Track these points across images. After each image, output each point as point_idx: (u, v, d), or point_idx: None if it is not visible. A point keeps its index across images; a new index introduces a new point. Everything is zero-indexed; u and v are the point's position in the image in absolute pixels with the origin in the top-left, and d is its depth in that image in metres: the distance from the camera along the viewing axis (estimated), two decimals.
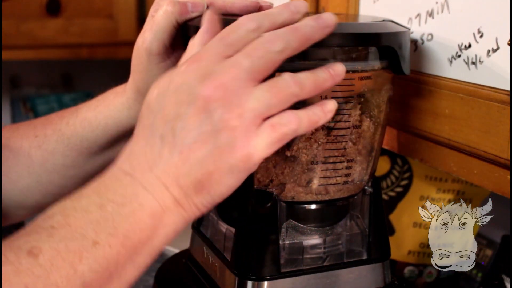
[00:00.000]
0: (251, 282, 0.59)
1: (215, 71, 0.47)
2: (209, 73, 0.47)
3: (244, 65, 0.47)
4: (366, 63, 0.56)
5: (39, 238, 0.44)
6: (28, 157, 0.72)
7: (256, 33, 0.48)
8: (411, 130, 0.66)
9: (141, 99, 0.67)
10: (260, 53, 0.47)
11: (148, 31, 0.62)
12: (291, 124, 0.48)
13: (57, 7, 1.45)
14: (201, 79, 0.47)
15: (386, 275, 0.64)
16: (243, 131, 0.46)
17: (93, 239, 0.44)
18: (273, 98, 0.47)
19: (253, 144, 0.46)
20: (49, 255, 0.43)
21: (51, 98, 1.75)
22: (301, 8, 0.50)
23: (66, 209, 0.46)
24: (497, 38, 0.54)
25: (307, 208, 0.61)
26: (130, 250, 0.46)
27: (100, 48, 1.52)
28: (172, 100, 0.47)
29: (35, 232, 0.44)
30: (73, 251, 0.44)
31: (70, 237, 0.44)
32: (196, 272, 0.69)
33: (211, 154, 0.46)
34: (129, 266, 0.46)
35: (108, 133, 0.70)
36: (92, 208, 0.46)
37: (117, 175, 0.48)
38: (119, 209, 0.46)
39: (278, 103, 0.47)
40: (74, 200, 0.47)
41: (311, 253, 0.62)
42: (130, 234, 0.46)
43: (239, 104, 0.46)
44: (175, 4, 0.60)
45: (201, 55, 0.48)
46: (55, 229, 0.44)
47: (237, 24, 0.49)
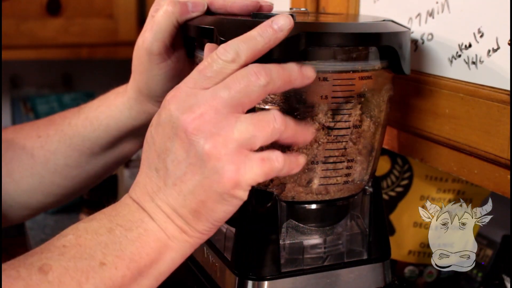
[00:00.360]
0: (252, 282, 0.59)
1: (195, 103, 0.48)
2: (189, 105, 0.48)
3: (223, 96, 0.47)
4: (366, 63, 0.56)
5: (51, 256, 0.47)
6: (31, 157, 0.73)
7: (236, 63, 0.48)
8: (411, 130, 0.66)
9: (142, 99, 0.68)
10: (240, 85, 0.47)
11: (149, 31, 0.62)
12: (279, 163, 0.48)
13: (57, 7, 1.45)
14: (181, 111, 0.48)
15: (386, 275, 0.64)
16: (229, 160, 0.47)
17: (100, 260, 0.47)
18: (257, 131, 0.47)
19: (241, 172, 0.47)
20: (58, 272, 0.46)
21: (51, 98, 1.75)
22: (284, 26, 0.49)
23: (79, 230, 0.49)
24: (498, 38, 0.54)
25: (307, 208, 0.61)
26: (135, 272, 0.48)
27: (100, 48, 1.52)
28: (160, 134, 0.49)
29: (47, 250, 0.48)
30: (81, 270, 0.46)
31: (79, 257, 0.47)
32: (196, 272, 0.69)
33: (200, 184, 0.48)
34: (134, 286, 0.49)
35: (109, 133, 0.71)
36: (102, 231, 0.49)
37: (127, 201, 0.51)
38: (126, 234, 0.49)
39: (262, 137, 0.48)
40: (86, 222, 0.50)
41: (312, 253, 0.62)
42: (135, 258, 0.48)
43: (221, 134, 0.47)
44: (175, 4, 0.60)
45: (181, 88, 0.49)
46: (67, 248, 0.47)
47: (215, 54, 0.49)
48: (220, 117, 0.47)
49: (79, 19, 1.47)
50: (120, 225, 0.49)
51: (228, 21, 0.55)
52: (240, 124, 0.47)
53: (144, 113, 0.69)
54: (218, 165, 0.47)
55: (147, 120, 0.69)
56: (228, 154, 0.47)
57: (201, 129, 0.47)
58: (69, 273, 0.46)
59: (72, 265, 0.46)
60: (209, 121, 0.47)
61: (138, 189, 0.51)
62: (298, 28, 0.51)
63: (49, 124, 0.74)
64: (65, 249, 0.47)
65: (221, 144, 0.47)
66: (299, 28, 0.51)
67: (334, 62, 0.55)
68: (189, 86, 0.49)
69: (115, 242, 0.48)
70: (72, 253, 0.47)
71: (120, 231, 0.49)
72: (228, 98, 0.47)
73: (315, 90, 0.55)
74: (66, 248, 0.47)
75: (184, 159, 0.48)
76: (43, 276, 0.45)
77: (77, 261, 0.46)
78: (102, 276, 0.47)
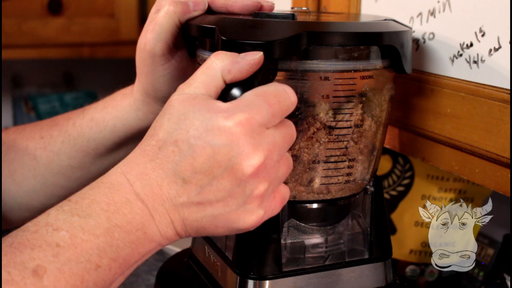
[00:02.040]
0: (253, 281, 0.59)
1: (262, 144, 0.47)
2: (257, 145, 0.47)
3: (280, 143, 0.49)
4: (368, 62, 0.56)
5: (44, 257, 0.44)
6: (33, 158, 0.72)
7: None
8: (412, 129, 0.66)
9: (149, 100, 0.67)
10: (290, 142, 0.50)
11: (151, 33, 0.62)
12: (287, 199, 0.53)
13: (58, 6, 1.45)
14: (247, 154, 0.47)
15: (387, 274, 0.64)
16: (264, 205, 0.49)
17: (96, 263, 0.46)
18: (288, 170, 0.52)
19: (266, 216, 0.50)
20: (53, 276, 0.44)
21: (52, 97, 1.75)
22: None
23: (74, 228, 0.46)
24: (499, 37, 0.54)
25: (308, 207, 0.61)
26: (125, 269, 0.48)
27: (102, 47, 1.52)
28: (208, 153, 0.47)
29: (39, 247, 0.45)
30: (76, 274, 0.45)
31: (75, 260, 0.45)
32: (197, 271, 0.69)
33: (227, 214, 0.48)
34: (119, 279, 0.49)
35: (115, 134, 0.70)
36: (99, 232, 0.46)
37: (128, 196, 0.48)
38: (124, 237, 0.47)
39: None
40: (81, 217, 0.46)
41: (313, 252, 0.62)
42: (129, 258, 0.48)
43: (273, 183, 0.49)
44: (176, 4, 0.60)
45: (248, 119, 0.47)
46: (61, 248, 0.45)
47: (285, 90, 0.49)
48: (276, 166, 0.49)
49: (80, 18, 1.48)
50: (119, 226, 0.47)
51: (230, 21, 0.55)
52: (282, 171, 0.50)
53: (151, 114, 0.68)
54: (253, 207, 0.48)
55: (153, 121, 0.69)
56: (266, 201, 0.49)
57: (260, 175, 0.48)
58: (64, 277, 0.44)
59: (67, 269, 0.44)
60: (268, 169, 0.48)
61: (148, 184, 0.48)
62: (299, 28, 0.51)
63: (53, 125, 0.73)
64: (59, 249, 0.45)
65: (266, 190, 0.49)
66: (300, 28, 0.51)
67: (336, 61, 0.55)
68: (258, 120, 0.47)
69: (112, 245, 0.46)
70: (67, 255, 0.45)
71: (119, 233, 0.47)
72: (282, 146, 0.49)
73: (316, 90, 0.55)
74: (61, 249, 0.45)
75: (225, 189, 0.47)
76: (37, 281, 0.43)
77: (72, 264, 0.45)
78: (96, 278, 0.46)
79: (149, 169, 0.48)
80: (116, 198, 0.47)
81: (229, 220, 0.49)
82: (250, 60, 0.49)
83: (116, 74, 1.78)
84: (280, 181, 0.50)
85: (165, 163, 0.47)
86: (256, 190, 0.47)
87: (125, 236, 0.47)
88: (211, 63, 0.50)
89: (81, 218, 0.46)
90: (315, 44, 0.53)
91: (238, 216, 0.48)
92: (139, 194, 0.48)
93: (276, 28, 0.53)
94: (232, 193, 0.47)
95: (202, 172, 0.47)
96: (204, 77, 0.50)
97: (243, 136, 0.46)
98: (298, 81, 0.55)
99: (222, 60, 0.49)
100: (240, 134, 0.46)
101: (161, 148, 0.48)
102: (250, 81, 0.50)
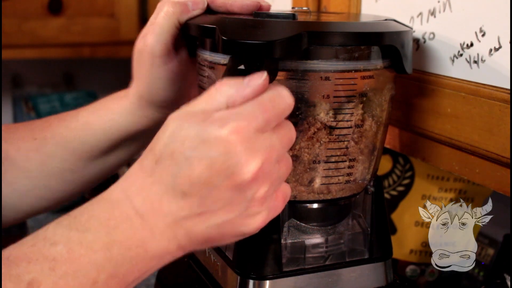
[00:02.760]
0: (253, 281, 0.59)
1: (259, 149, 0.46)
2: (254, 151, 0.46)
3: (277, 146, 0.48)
4: (368, 62, 0.56)
5: (41, 270, 0.44)
6: (25, 160, 0.71)
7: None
8: (413, 129, 0.66)
9: (144, 104, 0.67)
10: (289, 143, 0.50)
11: (150, 34, 0.61)
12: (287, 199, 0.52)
13: (59, 6, 1.45)
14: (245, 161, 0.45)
15: (388, 274, 0.64)
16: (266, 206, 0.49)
17: (93, 279, 0.45)
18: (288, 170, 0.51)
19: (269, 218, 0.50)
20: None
21: (53, 97, 1.75)
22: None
23: (71, 242, 0.45)
24: (499, 37, 0.54)
25: (309, 207, 0.61)
26: (123, 286, 0.47)
27: (102, 47, 1.52)
28: (205, 164, 0.45)
29: (36, 260, 0.44)
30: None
31: (72, 275, 0.44)
32: (198, 271, 0.69)
33: (232, 221, 0.48)
34: None
35: (109, 137, 0.69)
36: (97, 247, 0.45)
37: (128, 212, 0.47)
38: (124, 253, 0.46)
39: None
40: (80, 232, 0.46)
41: (313, 252, 0.62)
42: (128, 274, 0.46)
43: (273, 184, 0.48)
44: (175, 4, 0.60)
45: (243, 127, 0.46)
46: (57, 262, 0.44)
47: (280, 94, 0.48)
48: (275, 167, 0.48)
49: (80, 18, 1.48)
50: (118, 241, 0.46)
51: (230, 21, 0.55)
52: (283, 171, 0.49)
53: (145, 118, 0.68)
54: (256, 210, 0.48)
55: (148, 125, 0.68)
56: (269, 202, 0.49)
57: (259, 179, 0.47)
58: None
59: (63, 283, 0.43)
60: (267, 172, 0.47)
61: (148, 199, 0.47)
62: (300, 27, 0.51)
63: (46, 126, 0.72)
64: (55, 263, 0.44)
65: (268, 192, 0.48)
66: (301, 27, 0.51)
67: (336, 61, 0.55)
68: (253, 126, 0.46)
69: (110, 260, 0.45)
70: (63, 269, 0.44)
71: (118, 249, 0.45)
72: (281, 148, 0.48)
73: (317, 89, 0.55)
74: (57, 263, 0.44)
75: (226, 197, 0.46)
76: None
77: (69, 279, 0.44)
78: None
79: (148, 184, 0.47)
80: (116, 214, 0.47)
81: (234, 226, 0.48)
82: (255, 87, 0.47)
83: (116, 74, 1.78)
84: (280, 181, 0.50)
85: (164, 176, 0.46)
86: (257, 194, 0.47)
87: (125, 252, 0.46)
88: (215, 95, 0.48)
89: (79, 232, 0.46)
90: (315, 44, 0.53)
91: (243, 220, 0.48)
92: (139, 210, 0.47)
93: (277, 28, 0.53)
94: (234, 199, 0.46)
95: (201, 183, 0.45)
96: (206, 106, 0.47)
97: (239, 144, 0.45)
98: (299, 81, 0.55)
99: (226, 92, 0.47)
100: (236, 142, 0.45)
101: (158, 162, 0.47)
102: None
